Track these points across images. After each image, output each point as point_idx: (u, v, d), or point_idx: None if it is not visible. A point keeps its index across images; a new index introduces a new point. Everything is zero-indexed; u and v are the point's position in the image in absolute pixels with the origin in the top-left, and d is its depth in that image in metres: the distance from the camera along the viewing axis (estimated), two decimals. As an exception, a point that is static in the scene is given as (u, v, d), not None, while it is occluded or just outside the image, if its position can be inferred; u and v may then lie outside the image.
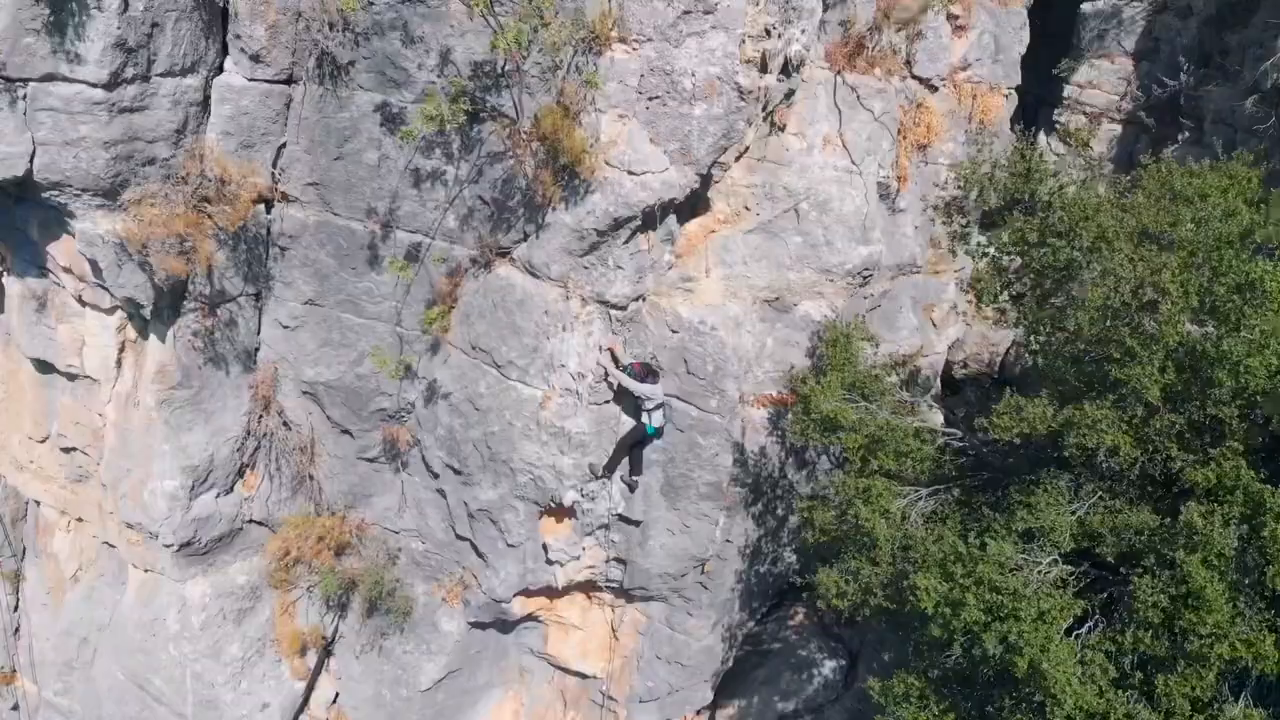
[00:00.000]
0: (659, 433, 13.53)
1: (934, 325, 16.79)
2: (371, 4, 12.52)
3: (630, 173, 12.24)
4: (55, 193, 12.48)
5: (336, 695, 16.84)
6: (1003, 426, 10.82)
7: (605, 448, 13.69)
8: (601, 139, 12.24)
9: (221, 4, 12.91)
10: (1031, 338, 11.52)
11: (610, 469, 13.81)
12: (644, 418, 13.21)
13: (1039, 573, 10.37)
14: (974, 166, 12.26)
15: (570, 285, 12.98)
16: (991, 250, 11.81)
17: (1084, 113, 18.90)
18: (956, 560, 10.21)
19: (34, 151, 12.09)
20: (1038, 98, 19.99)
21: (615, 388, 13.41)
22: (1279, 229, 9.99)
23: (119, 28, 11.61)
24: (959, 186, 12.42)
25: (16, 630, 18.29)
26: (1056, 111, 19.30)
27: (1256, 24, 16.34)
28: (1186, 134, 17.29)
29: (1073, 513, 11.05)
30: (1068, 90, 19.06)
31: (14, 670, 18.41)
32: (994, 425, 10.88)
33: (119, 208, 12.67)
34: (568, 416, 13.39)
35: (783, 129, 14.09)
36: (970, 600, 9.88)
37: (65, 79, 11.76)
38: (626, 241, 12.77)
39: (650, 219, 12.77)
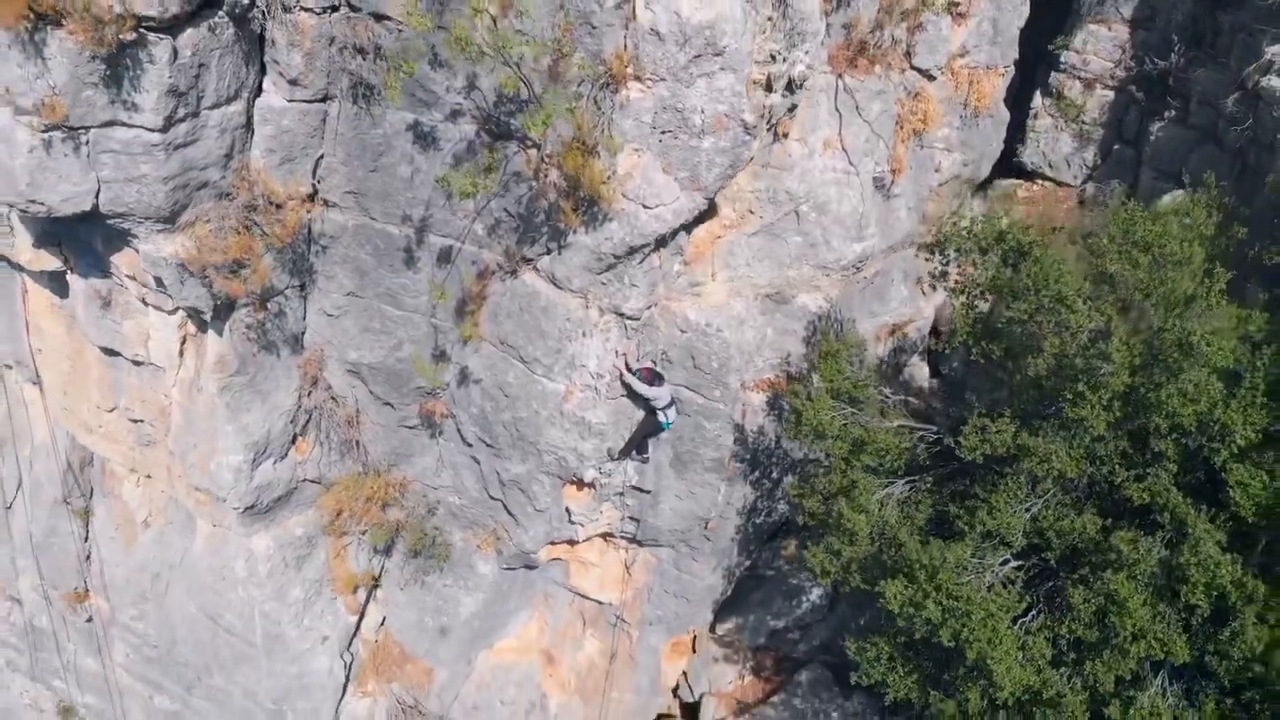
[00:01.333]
0: (671, 426, 15.09)
1: (923, 294, 18.07)
2: (401, 32, 13.30)
3: (645, 205, 13.26)
4: (120, 220, 13.49)
5: (384, 619, 19.17)
6: (969, 447, 12.44)
7: (622, 435, 15.31)
8: (618, 171, 13.22)
9: (259, 31, 13.64)
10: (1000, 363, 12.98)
11: (625, 452, 15.47)
12: (659, 416, 14.72)
13: (991, 573, 12.23)
14: (954, 221, 13.34)
15: (590, 297, 14.22)
16: (965, 294, 13.13)
17: (1079, 78, 19.43)
18: (920, 568, 12.05)
19: (99, 189, 13.02)
20: (1036, 52, 20.38)
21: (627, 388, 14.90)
22: (1220, 299, 11.29)
23: (171, 76, 12.36)
24: (938, 240, 13.54)
25: (88, 557, 20.24)
26: (1052, 76, 19.80)
27: (1249, 8, 16.79)
28: (1173, 112, 17.96)
29: (1027, 510, 12.81)
30: (1064, 55, 19.51)
31: (87, 590, 20.36)
32: (962, 447, 12.51)
33: (178, 230, 13.77)
34: (588, 409, 14.93)
35: (785, 136, 14.95)
36: (930, 605, 11.78)
37: (124, 124, 12.57)
38: (641, 262, 13.96)
39: (663, 241, 13.93)
